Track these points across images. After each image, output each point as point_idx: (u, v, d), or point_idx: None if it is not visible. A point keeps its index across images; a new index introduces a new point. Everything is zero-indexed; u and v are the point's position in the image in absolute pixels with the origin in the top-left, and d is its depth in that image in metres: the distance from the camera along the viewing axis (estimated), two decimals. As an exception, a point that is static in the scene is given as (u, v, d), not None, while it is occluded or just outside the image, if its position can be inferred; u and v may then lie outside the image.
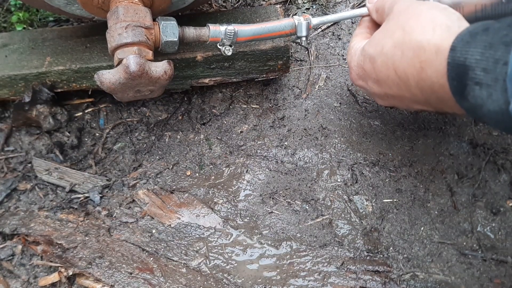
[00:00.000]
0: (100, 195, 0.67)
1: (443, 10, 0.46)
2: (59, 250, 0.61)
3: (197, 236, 0.63)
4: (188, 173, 0.69)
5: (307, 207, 0.65)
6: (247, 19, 0.73)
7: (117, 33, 0.54)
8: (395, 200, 0.65)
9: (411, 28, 0.46)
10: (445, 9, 0.47)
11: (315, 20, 0.62)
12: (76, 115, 0.74)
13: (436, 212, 0.64)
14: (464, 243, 0.61)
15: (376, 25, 0.60)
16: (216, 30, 0.60)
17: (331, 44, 0.83)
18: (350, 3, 0.89)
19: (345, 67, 0.79)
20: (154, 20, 0.58)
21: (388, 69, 0.49)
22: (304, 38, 0.62)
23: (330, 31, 0.85)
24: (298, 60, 0.81)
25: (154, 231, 0.64)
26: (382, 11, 0.55)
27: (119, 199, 0.67)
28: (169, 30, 0.58)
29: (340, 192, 0.66)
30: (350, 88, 0.76)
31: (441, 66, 0.42)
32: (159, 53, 0.62)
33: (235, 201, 0.66)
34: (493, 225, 0.62)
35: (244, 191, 0.67)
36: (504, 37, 0.36)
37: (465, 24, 0.44)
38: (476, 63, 0.37)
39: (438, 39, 0.42)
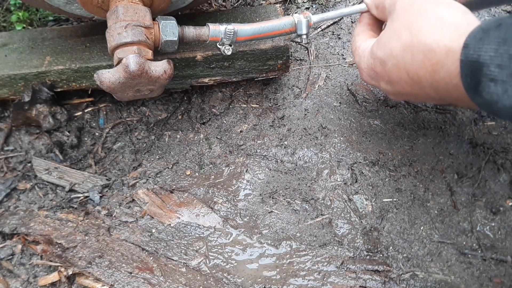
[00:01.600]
0: (100, 194, 0.67)
1: (448, 6, 0.45)
2: (58, 249, 0.61)
3: (197, 235, 0.63)
4: (188, 172, 0.69)
5: (306, 207, 0.65)
6: (247, 19, 0.73)
7: (116, 32, 0.54)
8: (394, 199, 0.65)
9: (418, 29, 0.45)
10: (450, 4, 0.45)
11: (315, 18, 0.62)
12: (76, 114, 0.74)
13: (435, 212, 0.64)
14: (464, 243, 0.61)
15: (377, 20, 0.59)
16: (215, 30, 0.60)
17: (330, 44, 0.83)
18: (350, 2, 0.89)
19: (344, 66, 0.79)
20: (153, 19, 0.58)
21: (399, 72, 0.48)
22: (304, 36, 0.62)
23: (329, 31, 0.85)
24: (297, 60, 0.81)
25: (154, 230, 0.64)
26: (383, 8, 0.54)
27: (119, 198, 0.67)
28: (169, 30, 0.58)
29: (340, 192, 0.66)
30: (349, 88, 0.76)
31: (453, 67, 0.41)
32: (158, 52, 0.62)
33: (235, 200, 0.66)
34: (493, 224, 0.62)
35: (243, 191, 0.67)
36: None
37: (472, 19, 0.43)
38: (490, 59, 0.37)
39: (447, 40, 0.42)
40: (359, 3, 0.88)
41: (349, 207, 0.64)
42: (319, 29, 0.85)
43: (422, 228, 0.62)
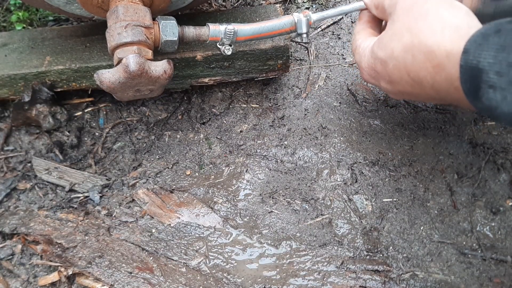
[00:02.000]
0: (100, 194, 0.67)
1: (449, 7, 0.45)
2: (58, 249, 0.61)
3: (197, 235, 0.63)
4: (188, 172, 0.69)
5: (306, 207, 0.65)
6: (247, 19, 0.73)
7: (116, 32, 0.54)
8: (394, 199, 0.65)
9: (419, 30, 0.45)
10: (451, 5, 0.45)
11: (314, 16, 0.62)
12: (76, 114, 0.74)
13: (435, 212, 0.64)
14: (464, 243, 0.61)
15: (377, 19, 0.59)
16: (215, 30, 0.60)
17: (330, 44, 0.83)
18: (350, 1, 0.89)
19: (344, 66, 0.79)
20: (153, 19, 0.58)
21: (400, 72, 0.48)
22: (304, 35, 0.62)
23: (329, 31, 0.85)
24: (297, 60, 0.81)
25: (153, 230, 0.64)
26: (383, 8, 0.54)
27: (119, 198, 0.67)
28: (169, 30, 0.58)
29: (340, 192, 0.66)
30: (349, 88, 0.76)
31: (454, 70, 0.41)
32: (158, 52, 0.62)
33: (235, 200, 0.66)
34: (493, 224, 0.62)
35: (243, 191, 0.67)
36: None
37: (473, 21, 0.43)
38: (490, 66, 0.37)
39: (448, 42, 0.42)
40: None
41: (349, 207, 0.64)
42: (319, 29, 0.85)
43: (422, 228, 0.62)
